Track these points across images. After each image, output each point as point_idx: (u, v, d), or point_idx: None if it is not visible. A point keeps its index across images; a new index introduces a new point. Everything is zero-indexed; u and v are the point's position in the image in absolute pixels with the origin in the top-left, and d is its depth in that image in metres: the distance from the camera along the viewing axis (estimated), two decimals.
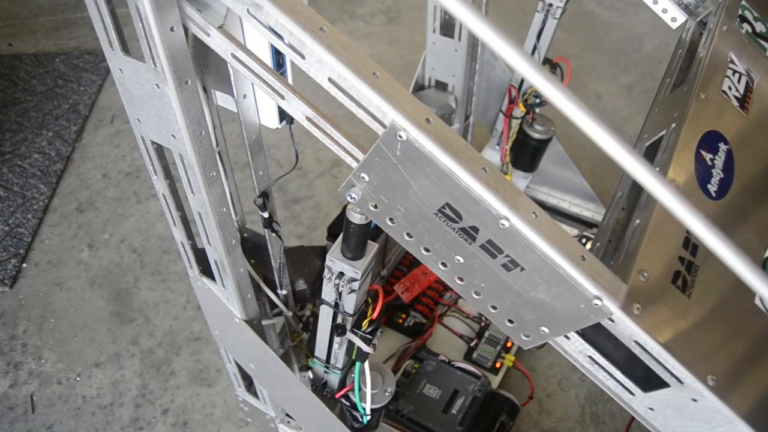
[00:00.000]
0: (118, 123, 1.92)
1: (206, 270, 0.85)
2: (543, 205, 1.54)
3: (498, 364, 1.30)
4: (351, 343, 0.83)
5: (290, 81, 0.70)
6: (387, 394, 0.93)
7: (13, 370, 1.38)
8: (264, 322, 0.96)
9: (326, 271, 0.74)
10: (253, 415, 1.19)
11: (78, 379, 1.37)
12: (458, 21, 1.24)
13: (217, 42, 0.58)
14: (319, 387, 0.99)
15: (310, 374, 0.98)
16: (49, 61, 2.09)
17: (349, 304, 0.77)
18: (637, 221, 0.60)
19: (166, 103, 0.60)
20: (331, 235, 1.24)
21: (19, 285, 1.53)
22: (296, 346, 1.07)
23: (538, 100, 1.30)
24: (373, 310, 0.80)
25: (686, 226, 0.41)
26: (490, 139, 1.50)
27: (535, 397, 1.33)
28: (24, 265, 1.57)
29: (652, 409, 0.58)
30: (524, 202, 0.50)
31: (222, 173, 0.79)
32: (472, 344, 1.33)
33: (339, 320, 0.81)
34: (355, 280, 0.73)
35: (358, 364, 0.87)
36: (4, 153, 1.80)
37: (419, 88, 1.37)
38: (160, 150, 0.71)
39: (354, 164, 0.56)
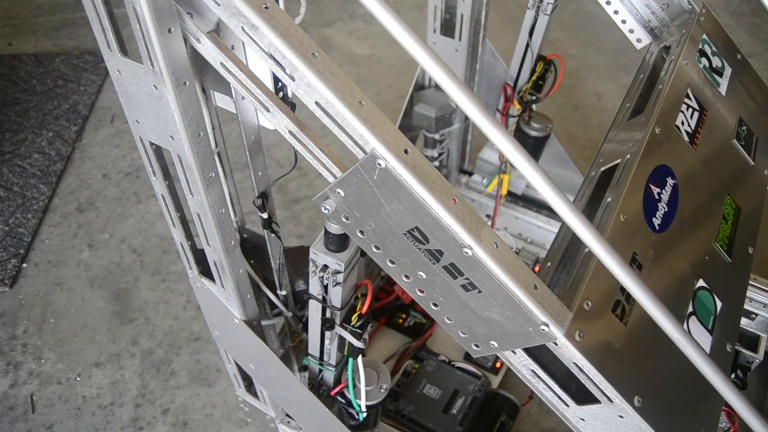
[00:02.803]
0: (118, 123, 1.92)
1: (206, 271, 0.85)
2: (543, 205, 1.54)
3: (498, 364, 1.30)
4: (342, 339, 0.83)
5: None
6: (382, 390, 0.93)
7: (13, 370, 1.38)
8: (264, 323, 0.96)
9: (311, 264, 0.75)
10: (253, 415, 1.19)
11: (78, 379, 1.37)
12: (458, 20, 1.24)
13: (207, 49, 0.59)
14: (315, 385, 0.99)
15: (307, 374, 0.98)
16: (49, 61, 2.09)
17: (336, 297, 0.78)
18: (586, 250, 0.64)
19: (164, 105, 0.60)
20: None
21: (19, 285, 1.53)
22: (296, 346, 1.07)
23: (533, 97, 1.30)
24: (363, 304, 0.80)
25: (619, 281, 0.50)
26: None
27: (535, 397, 1.33)
28: (24, 265, 1.57)
29: (583, 419, 0.63)
30: (487, 234, 0.55)
31: (221, 174, 0.79)
32: None
33: (328, 314, 0.81)
34: (339, 272, 0.74)
35: (351, 360, 0.87)
36: (4, 153, 1.81)
37: (419, 87, 1.37)
38: (159, 151, 0.71)
39: (331, 179, 0.59)
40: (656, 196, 0.71)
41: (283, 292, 0.98)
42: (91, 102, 1.97)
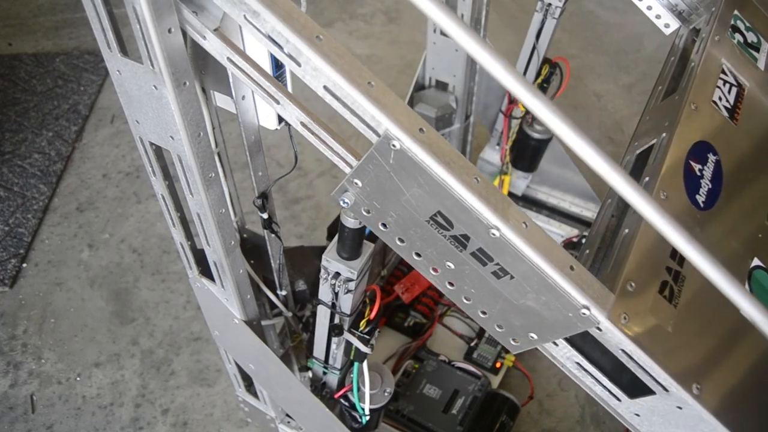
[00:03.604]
0: (118, 123, 1.92)
1: (206, 271, 0.85)
2: (543, 206, 1.54)
3: (498, 364, 1.30)
4: (349, 344, 0.83)
5: (289, 83, 0.70)
6: (386, 394, 0.93)
7: (13, 370, 1.38)
8: (264, 323, 0.96)
9: (322, 271, 0.74)
10: (253, 415, 1.19)
11: (78, 379, 1.37)
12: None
13: (213, 45, 0.58)
14: (318, 387, 0.99)
15: (310, 375, 0.98)
16: (49, 61, 2.09)
17: (346, 304, 0.77)
18: (626, 231, 0.61)
19: (164, 105, 0.60)
20: (331, 235, 1.24)
21: (19, 285, 1.53)
22: (296, 346, 1.07)
23: None
24: (371, 310, 0.80)
25: (670, 242, 0.43)
26: (490, 139, 1.50)
27: (535, 397, 1.33)
28: (24, 265, 1.57)
29: (638, 414, 0.59)
30: (515, 212, 0.51)
31: (221, 174, 0.79)
32: (472, 344, 1.33)
33: (336, 320, 0.81)
34: (351, 280, 0.73)
35: (356, 364, 0.87)
36: (4, 153, 1.80)
37: (420, 87, 1.37)
38: (158, 151, 0.71)
39: (347, 170, 0.57)
40: (698, 173, 0.67)
41: (283, 292, 0.98)
42: (91, 102, 1.97)
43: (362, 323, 0.80)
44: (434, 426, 1.18)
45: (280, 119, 0.75)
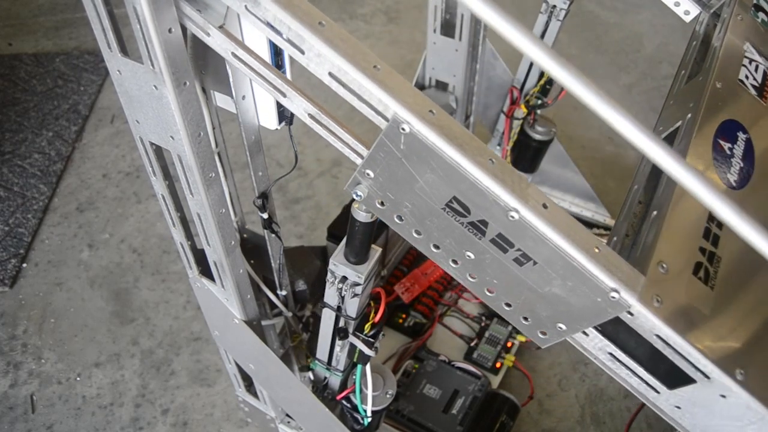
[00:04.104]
0: (118, 123, 1.92)
1: (206, 271, 0.85)
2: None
3: (498, 364, 1.30)
4: (353, 346, 0.83)
5: (289, 78, 0.70)
6: (388, 396, 0.93)
7: (13, 370, 1.38)
8: (264, 323, 0.96)
9: (329, 275, 0.74)
10: (253, 415, 1.19)
11: (78, 379, 1.37)
12: (459, 20, 1.24)
13: (217, 41, 0.57)
14: (320, 388, 0.99)
15: (310, 375, 0.98)
16: (49, 61, 2.09)
17: (352, 308, 0.77)
18: (655, 213, 0.58)
19: (164, 105, 0.60)
20: (331, 235, 1.24)
21: (19, 285, 1.53)
22: (296, 346, 1.07)
23: (539, 102, 1.30)
24: (376, 313, 0.79)
25: (712, 211, 0.38)
26: (491, 140, 1.50)
27: (535, 397, 1.33)
28: (24, 265, 1.57)
29: (679, 407, 0.55)
30: (533, 193, 0.49)
31: (221, 174, 0.79)
32: (472, 344, 1.33)
33: (341, 323, 0.81)
34: (358, 284, 0.73)
35: (359, 366, 0.87)
36: (4, 153, 1.80)
37: (419, 87, 1.37)
38: (159, 151, 0.71)
39: (358, 161, 0.55)
40: (728, 152, 0.64)
41: (283, 292, 0.98)
42: (91, 102, 1.97)
43: (367, 326, 0.80)
44: (434, 426, 1.18)
45: (281, 119, 0.75)
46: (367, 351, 0.81)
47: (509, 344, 1.33)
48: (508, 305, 0.56)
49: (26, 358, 1.40)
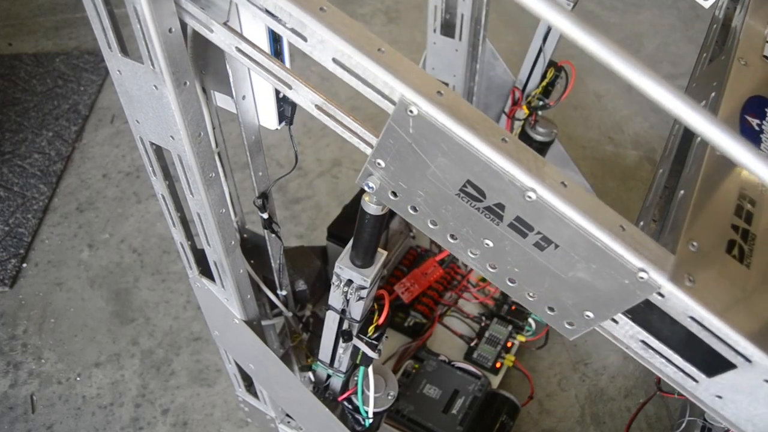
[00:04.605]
0: (118, 123, 1.92)
1: (206, 271, 0.85)
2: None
3: (498, 364, 1.30)
4: (356, 348, 0.83)
5: None
6: (390, 397, 0.93)
7: (13, 370, 1.38)
8: (264, 323, 0.96)
9: (334, 278, 0.73)
10: (253, 415, 1.19)
11: (78, 379, 1.37)
12: (459, 20, 1.24)
13: (220, 37, 0.57)
14: (321, 389, 0.99)
15: (311, 375, 0.98)
16: (49, 61, 2.09)
17: (357, 311, 0.77)
18: (682, 192, 0.55)
19: (164, 105, 0.60)
20: (331, 235, 1.24)
21: (19, 285, 1.53)
22: (296, 346, 1.07)
23: (541, 103, 1.30)
24: (380, 315, 0.79)
25: (759, 176, 0.36)
26: None
27: (535, 397, 1.33)
28: (24, 265, 1.57)
29: (720, 396, 0.51)
30: (551, 172, 0.46)
31: (221, 174, 0.79)
32: (472, 344, 1.33)
33: (345, 326, 0.81)
34: (363, 288, 0.72)
35: (361, 368, 0.87)
36: (4, 153, 1.81)
37: None
38: (159, 151, 0.71)
39: (368, 151, 0.53)
40: (756, 128, 0.61)
41: (283, 292, 0.98)
42: (91, 102, 1.97)
43: (371, 329, 0.79)
44: (434, 426, 1.18)
45: (281, 119, 0.75)
46: (370, 353, 0.81)
47: (509, 344, 1.33)
48: (532, 295, 0.53)
49: (26, 358, 1.40)
